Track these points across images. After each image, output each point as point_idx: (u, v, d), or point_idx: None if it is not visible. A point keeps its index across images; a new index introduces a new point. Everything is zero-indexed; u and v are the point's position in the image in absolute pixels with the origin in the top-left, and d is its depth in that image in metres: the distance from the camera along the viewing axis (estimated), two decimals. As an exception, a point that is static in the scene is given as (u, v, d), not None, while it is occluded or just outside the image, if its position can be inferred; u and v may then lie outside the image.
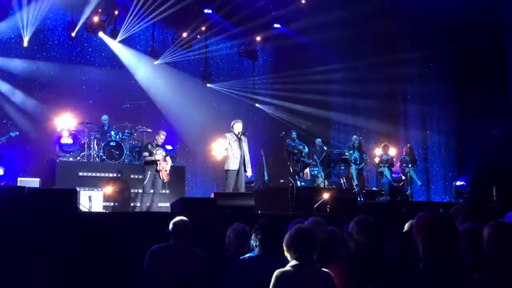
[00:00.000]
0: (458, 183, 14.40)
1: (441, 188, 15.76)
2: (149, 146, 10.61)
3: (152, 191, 10.54)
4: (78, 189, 8.35)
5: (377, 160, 13.74)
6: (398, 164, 13.88)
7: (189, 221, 4.95)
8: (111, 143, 12.13)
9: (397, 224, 5.48)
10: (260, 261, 3.89)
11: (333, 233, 4.82)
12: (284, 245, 3.53)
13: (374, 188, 14.02)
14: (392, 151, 14.13)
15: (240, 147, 9.82)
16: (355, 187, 12.99)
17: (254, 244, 4.00)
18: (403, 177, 13.66)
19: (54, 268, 5.64)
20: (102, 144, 12.07)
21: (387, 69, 15.33)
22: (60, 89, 13.96)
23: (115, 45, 14.85)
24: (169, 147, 11.91)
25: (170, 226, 4.89)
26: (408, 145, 14.14)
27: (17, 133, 11.81)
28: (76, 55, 14.69)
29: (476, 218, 4.49)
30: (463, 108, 14.96)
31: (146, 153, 10.60)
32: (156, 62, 15.63)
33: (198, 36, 16.11)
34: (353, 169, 13.50)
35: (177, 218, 4.96)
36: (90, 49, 14.91)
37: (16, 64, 13.56)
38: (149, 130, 12.79)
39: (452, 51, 14.96)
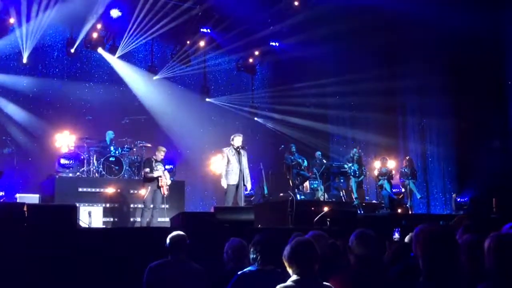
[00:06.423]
0: (458, 195, 14.36)
1: (441, 200, 15.71)
2: (151, 163, 10.60)
3: (152, 205, 10.53)
4: (77, 204, 8.36)
5: (376, 173, 13.76)
6: (398, 176, 13.85)
7: (185, 235, 4.92)
8: (111, 159, 12.15)
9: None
10: (259, 275, 3.87)
11: (333, 246, 4.79)
12: (284, 258, 3.49)
13: (374, 201, 13.98)
14: (391, 164, 14.11)
15: (239, 161, 9.80)
16: (354, 200, 12.97)
17: (253, 257, 3.98)
18: (403, 190, 13.63)
19: (54, 284, 5.62)
20: (102, 160, 12.09)
21: (386, 81, 15.35)
22: (59, 105, 14.03)
23: (114, 61, 14.92)
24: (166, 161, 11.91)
25: (167, 241, 4.87)
26: (408, 157, 14.12)
27: (10, 150, 11.73)
28: (76, 71, 14.76)
29: (476, 230, 4.46)
30: (462, 120, 14.95)
31: (147, 169, 10.59)
32: (155, 77, 15.70)
33: (197, 51, 16.19)
34: (352, 182, 13.50)
35: (174, 233, 4.92)
36: (89, 65, 14.99)
37: (15, 81, 13.60)
38: (149, 145, 12.81)
39: (451, 64, 14.98)
